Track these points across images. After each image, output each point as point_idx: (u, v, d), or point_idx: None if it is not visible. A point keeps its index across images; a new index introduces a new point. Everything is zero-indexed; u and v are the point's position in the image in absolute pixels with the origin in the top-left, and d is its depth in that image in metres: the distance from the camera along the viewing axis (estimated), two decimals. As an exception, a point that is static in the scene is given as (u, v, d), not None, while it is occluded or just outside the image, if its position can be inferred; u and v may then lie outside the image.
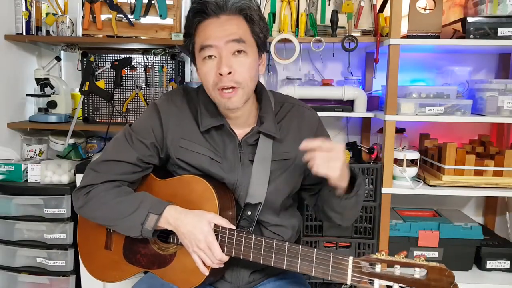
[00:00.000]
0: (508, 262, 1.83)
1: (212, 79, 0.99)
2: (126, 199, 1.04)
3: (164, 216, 1.01)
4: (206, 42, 0.97)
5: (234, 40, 0.96)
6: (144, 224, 1.01)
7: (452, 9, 1.94)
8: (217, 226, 1.00)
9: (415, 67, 2.10)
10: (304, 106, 1.18)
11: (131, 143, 1.09)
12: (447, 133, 2.10)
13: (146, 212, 1.01)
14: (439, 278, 0.83)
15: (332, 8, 1.91)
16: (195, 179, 1.06)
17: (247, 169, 1.08)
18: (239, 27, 0.97)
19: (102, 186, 1.07)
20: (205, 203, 1.03)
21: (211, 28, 0.97)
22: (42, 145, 2.07)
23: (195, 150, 1.07)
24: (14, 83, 2.02)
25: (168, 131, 1.08)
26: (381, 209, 1.74)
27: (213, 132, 1.08)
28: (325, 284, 1.80)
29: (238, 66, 0.98)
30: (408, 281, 0.85)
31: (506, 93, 1.71)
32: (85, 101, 2.03)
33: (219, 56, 0.97)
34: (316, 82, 2.08)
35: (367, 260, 0.88)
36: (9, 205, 1.79)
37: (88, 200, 1.07)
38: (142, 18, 1.90)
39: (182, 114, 1.09)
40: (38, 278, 1.81)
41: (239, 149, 1.08)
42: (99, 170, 1.08)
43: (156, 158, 1.11)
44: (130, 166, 1.08)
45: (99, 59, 2.00)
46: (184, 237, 1.00)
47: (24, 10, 1.92)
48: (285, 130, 1.11)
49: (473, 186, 1.74)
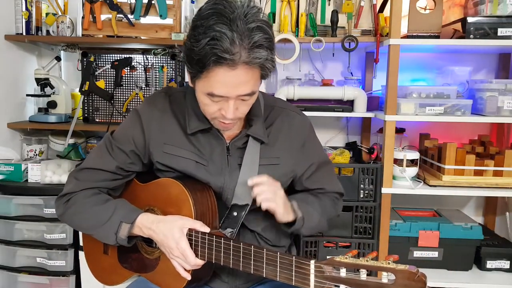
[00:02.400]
0: (508, 262, 1.83)
1: (212, 113, 0.97)
2: (101, 207, 1.04)
3: (137, 224, 1.02)
4: (217, 92, 0.91)
5: (246, 95, 0.93)
6: (117, 233, 1.01)
7: (452, 9, 1.94)
8: (192, 230, 0.99)
9: (415, 67, 2.10)
10: (294, 110, 1.15)
11: (111, 151, 1.08)
12: (447, 133, 2.10)
13: (118, 221, 1.01)
14: (408, 283, 0.75)
15: (332, 8, 1.91)
16: (170, 182, 1.05)
17: (235, 172, 1.07)
18: (252, 78, 0.91)
19: (81, 194, 1.07)
20: (181, 206, 1.03)
21: (225, 80, 0.89)
22: (42, 145, 2.07)
23: (179, 154, 1.06)
24: (14, 83, 2.02)
25: (151, 137, 1.07)
26: (381, 209, 1.74)
27: (199, 135, 1.07)
28: (325, 284, 1.79)
29: (242, 107, 0.97)
30: (375, 286, 0.78)
31: (506, 93, 1.71)
32: (85, 101, 2.03)
33: (226, 101, 0.93)
34: (316, 82, 2.08)
35: (330, 264, 0.81)
36: (9, 205, 1.79)
37: (68, 208, 1.07)
38: (142, 18, 1.90)
39: (165, 118, 1.07)
40: (38, 278, 1.81)
41: (227, 152, 1.07)
42: (79, 178, 1.09)
43: (137, 165, 1.11)
44: (110, 174, 1.08)
45: (99, 59, 2.00)
46: (159, 244, 1.01)
47: (24, 10, 1.91)
48: (274, 136, 1.10)
49: (473, 186, 1.74)
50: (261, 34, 0.87)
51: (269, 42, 0.89)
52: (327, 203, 1.18)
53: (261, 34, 0.87)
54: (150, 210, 1.09)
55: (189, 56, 0.91)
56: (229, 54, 0.85)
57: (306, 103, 1.86)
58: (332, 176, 1.23)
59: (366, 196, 1.76)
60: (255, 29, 0.86)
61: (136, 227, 1.02)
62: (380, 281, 0.77)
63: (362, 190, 1.75)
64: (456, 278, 1.79)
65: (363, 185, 1.75)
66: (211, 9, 0.88)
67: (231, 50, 0.84)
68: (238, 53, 0.85)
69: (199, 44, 0.86)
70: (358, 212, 1.76)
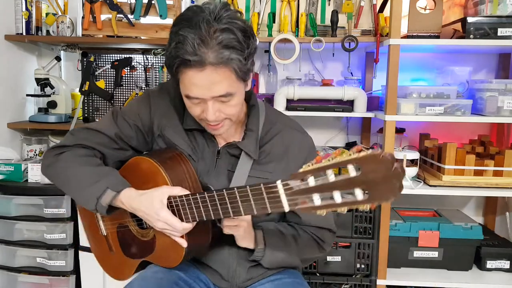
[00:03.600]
0: (508, 262, 1.83)
1: (198, 115, 0.99)
2: (92, 169, 1.02)
3: (121, 197, 0.99)
4: (192, 94, 0.94)
5: (221, 96, 0.93)
6: (99, 198, 0.98)
7: (452, 9, 1.94)
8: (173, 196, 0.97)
9: (415, 67, 2.10)
10: (297, 129, 1.13)
11: (115, 119, 1.09)
12: (447, 133, 2.10)
13: (105, 186, 0.98)
14: (375, 167, 0.68)
15: (332, 8, 1.91)
16: (139, 160, 1.06)
17: (222, 176, 1.07)
18: (224, 80, 0.91)
19: (74, 151, 1.05)
20: (156, 178, 1.01)
21: (196, 82, 0.91)
22: (42, 145, 2.07)
23: (176, 142, 1.08)
24: (14, 83, 2.02)
25: (155, 117, 1.09)
26: (381, 209, 1.74)
27: (196, 133, 1.09)
28: (325, 284, 1.80)
29: (225, 109, 0.97)
30: (345, 183, 0.71)
31: (506, 93, 1.71)
32: (85, 101, 2.03)
33: (205, 103, 0.95)
34: (316, 82, 2.08)
35: (296, 178, 0.76)
36: (9, 205, 1.79)
37: (57, 160, 1.05)
38: (142, 18, 1.90)
39: (173, 105, 1.10)
40: (38, 278, 1.81)
41: (217, 155, 1.08)
42: (75, 134, 1.09)
43: (135, 140, 1.10)
44: (107, 139, 1.08)
45: (99, 59, 2.00)
46: (145, 219, 1.00)
47: (24, 10, 1.91)
48: (270, 152, 1.09)
49: (473, 186, 1.74)
50: (227, 35, 0.89)
51: (236, 43, 0.89)
52: (306, 240, 1.13)
53: (227, 35, 0.88)
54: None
55: (166, 63, 0.97)
56: (192, 55, 0.87)
57: (306, 103, 1.86)
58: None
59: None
60: (222, 31, 0.88)
61: (118, 200, 0.99)
62: (348, 177, 0.71)
63: (362, 190, 1.75)
64: (456, 278, 1.79)
65: (363, 185, 1.74)
66: (180, 16, 0.94)
67: (193, 51, 0.87)
68: (203, 55, 0.87)
69: (168, 50, 0.93)
70: (358, 212, 1.76)
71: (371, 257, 1.77)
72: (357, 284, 1.79)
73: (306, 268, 1.80)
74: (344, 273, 1.79)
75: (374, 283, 1.78)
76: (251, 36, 0.95)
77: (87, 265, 1.81)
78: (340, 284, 1.79)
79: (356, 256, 1.78)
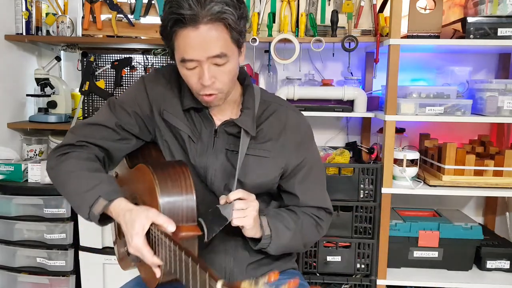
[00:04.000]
0: (508, 262, 1.83)
1: (194, 86, 0.99)
2: (88, 175, 0.99)
3: (112, 207, 0.95)
4: (187, 56, 0.94)
5: (216, 56, 0.94)
6: (92, 207, 0.96)
7: (452, 9, 1.94)
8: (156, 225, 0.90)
9: (415, 67, 2.10)
10: (293, 109, 1.14)
11: (113, 109, 1.08)
12: (447, 133, 2.10)
13: (97, 195, 0.95)
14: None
15: (332, 8, 1.91)
16: (144, 169, 1.00)
17: (220, 154, 1.07)
18: (219, 38, 0.93)
19: (76, 153, 1.03)
20: (152, 196, 0.95)
21: (191, 42, 0.93)
22: (42, 145, 2.07)
23: (176, 124, 1.07)
24: (14, 83, 2.02)
25: (153, 100, 1.08)
26: (381, 209, 1.74)
27: (193, 113, 1.08)
28: (325, 284, 1.80)
29: (220, 74, 0.97)
30: None
31: (506, 93, 1.71)
32: (85, 101, 2.03)
33: (200, 67, 0.96)
34: (316, 82, 2.08)
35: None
36: (9, 205, 1.79)
37: (61, 162, 1.03)
38: (142, 18, 1.90)
39: (169, 87, 1.09)
40: (38, 278, 1.81)
41: (214, 134, 1.07)
42: (76, 132, 1.07)
43: (137, 128, 1.09)
44: (109, 130, 1.07)
45: (99, 59, 2.00)
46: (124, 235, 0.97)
47: (24, 10, 1.91)
48: (267, 131, 1.09)
49: (473, 186, 1.74)
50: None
51: (230, 0, 0.92)
52: (306, 223, 1.12)
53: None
54: (135, 199, 1.06)
55: (161, 33, 0.99)
56: (185, 10, 0.89)
57: (306, 103, 1.86)
58: (322, 187, 1.18)
59: (366, 196, 1.76)
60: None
61: (110, 208, 0.96)
62: None
63: (362, 190, 1.75)
64: (456, 278, 1.79)
65: (363, 185, 1.75)
66: None
67: (187, 7, 0.89)
68: (197, 11, 0.89)
69: (164, 12, 0.95)
70: (358, 212, 1.76)
71: (371, 257, 1.77)
72: (357, 284, 1.79)
73: (306, 268, 1.80)
74: (344, 273, 1.79)
75: (374, 283, 1.78)
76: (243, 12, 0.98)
77: (87, 265, 1.82)
78: (340, 284, 1.79)
79: (356, 256, 1.78)
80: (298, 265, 1.25)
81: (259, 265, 1.13)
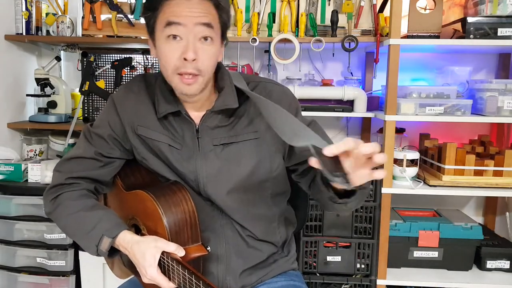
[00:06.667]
0: (508, 262, 1.83)
1: (174, 62, 0.94)
2: (87, 215, 1.02)
3: (118, 241, 0.99)
4: (175, 19, 0.92)
5: (204, 24, 0.92)
6: (98, 246, 0.99)
7: (452, 9, 1.94)
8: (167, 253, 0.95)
9: (415, 67, 2.10)
10: (272, 82, 1.09)
11: (89, 138, 1.08)
12: (447, 133, 2.10)
13: (100, 234, 0.99)
14: None
15: (332, 8, 1.91)
16: (145, 196, 1.01)
17: (209, 155, 1.03)
18: (209, 12, 0.93)
19: (67, 192, 1.05)
20: (157, 223, 0.99)
21: (180, 6, 0.92)
22: (42, 145, 2.07)
23: (152, 137, 1.04)
24: (14, 83, 2.02)
25: (125, 119, 1.06)
26: (381, 209, 1.74)
27: (171, 118, 1.04)
28: (325, 284, 1.80)
29: (203, 53, 0.94)
30: None
31: (506, 93, 1.71)
32: (85, 101, 2.03)
33: (185, 39, 0.93)
34: (316, 82, 2.08)
35: None
36: (9, 205, 1.79)
37: (56, 206, 1.05)
38: (142, 18, 1.89)
39: (140, 100, 1.06)
40: (38, 278, 1.81)
41: (197, 134, 1.03)
42: (61, 170, 1.08)
43: (117, 150, 1.09)
44: (90, 161, 1.07)
45: (99, 59, 2.00)
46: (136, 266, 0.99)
47: (24, 10, 1.91)
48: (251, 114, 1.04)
49: (473, 186, 1.74)
50: None
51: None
52: None
53: None
54: (134, 220, 1.08)
55: (144, 10, 0.98)
56: None
57: (306, 103, 1.86)
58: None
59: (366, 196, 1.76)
60: None
61: (117, 243, 1.00)
62: None
63: (362, 190, 1.75)
64: (456, 278, 1.79)
65: (363, 185, 1.74)
66: None
67: None
68: None
69: None
70: (358, 212, 1.76)
71: (371, 257, 1.77)
72: (357, 284, 1.79)
73: (306, 268, 1.80)
74: (344, 273, 1.79)
75: (374, 283, 1.78)
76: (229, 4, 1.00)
77: (87, 265, 1.81)
78: (340, 284, 1.79)
79: (356, 256, 1.78)
80: (298, 265, 1.25)
81: (254, 270, 1.11)
